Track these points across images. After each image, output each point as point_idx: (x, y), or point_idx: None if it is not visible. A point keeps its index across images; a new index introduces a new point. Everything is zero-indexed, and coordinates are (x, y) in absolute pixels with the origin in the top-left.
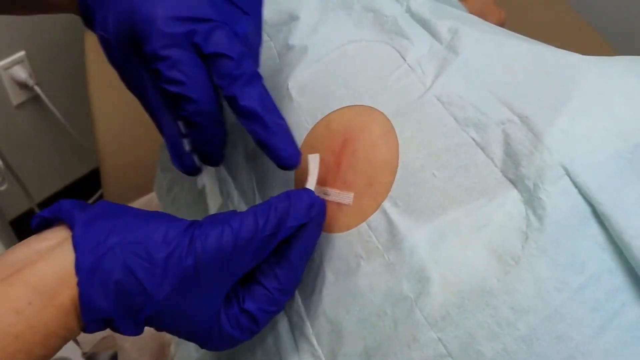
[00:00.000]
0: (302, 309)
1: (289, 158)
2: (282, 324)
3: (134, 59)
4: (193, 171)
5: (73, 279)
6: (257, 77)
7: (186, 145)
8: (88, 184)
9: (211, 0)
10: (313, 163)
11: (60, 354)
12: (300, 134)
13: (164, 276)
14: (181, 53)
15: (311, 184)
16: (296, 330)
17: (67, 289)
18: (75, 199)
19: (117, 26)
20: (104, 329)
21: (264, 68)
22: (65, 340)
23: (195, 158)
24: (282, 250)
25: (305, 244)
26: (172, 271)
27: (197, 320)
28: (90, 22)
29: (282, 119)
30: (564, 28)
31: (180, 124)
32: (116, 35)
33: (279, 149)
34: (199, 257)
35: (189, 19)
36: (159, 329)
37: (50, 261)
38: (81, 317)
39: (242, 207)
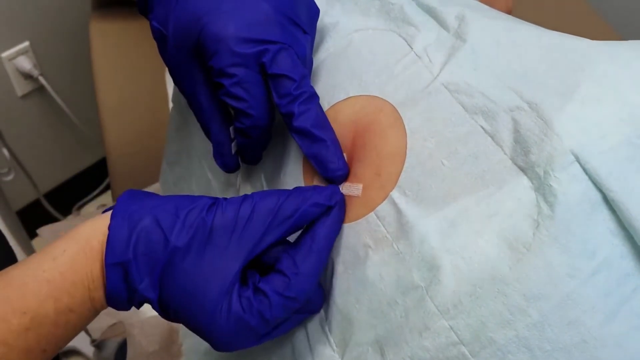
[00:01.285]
0: None
1: (336, 170)
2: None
3: (192, 64)
4: (234, 170)
5: (107, 229)
6: (314, 97)
7: (233, 148)
8: (94, 175)
9: (279, 21)
10: None
11: (68, 344)
12: None
13: (183, 226)
14: (247, 73)
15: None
16: (308, 320)
17: (99, 236)
18: (82, 190)
19: (179, 30)
20: (122, 281)
21: None
22: (89, 292)
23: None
24: (301, 240)
25: (325, 232)
26: (191, 221)
27: (207, 289)
28: (144, 9)
29: (334, 133)
30: (571, 16)
31: (231, 130)
32: (176, 36)
33: (328, 162)
34: (217, 217)
35: (258, 41)
36: (166, 306)
37: (90, 221)
38: (104, 260)
39: None
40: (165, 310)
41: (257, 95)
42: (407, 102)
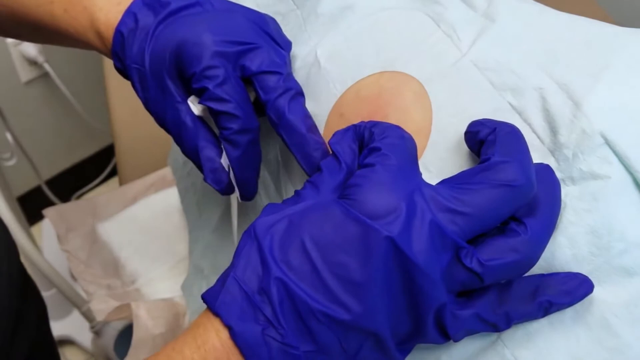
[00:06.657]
0: None
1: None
2: None
3: (170, 85)
4: (229, 189)
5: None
6: (302, 95)
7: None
8: (95, 163)
9: (255, 30)
10: None
11: (64, 333)
12: (329, 101)
13: None
14: (229, 74)
15: None
16: None
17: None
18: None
19: (154, 57)
20: None
21: (290, 36)
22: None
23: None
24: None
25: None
26: None
27: None
28: (120, 57)
29: (321, 136)
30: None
31: (224, 157)
32: (152, 65)
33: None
34: None
35: (237, 42)
36: None
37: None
38: None
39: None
40: None
41: (241, 95)
42: (434, 78)
